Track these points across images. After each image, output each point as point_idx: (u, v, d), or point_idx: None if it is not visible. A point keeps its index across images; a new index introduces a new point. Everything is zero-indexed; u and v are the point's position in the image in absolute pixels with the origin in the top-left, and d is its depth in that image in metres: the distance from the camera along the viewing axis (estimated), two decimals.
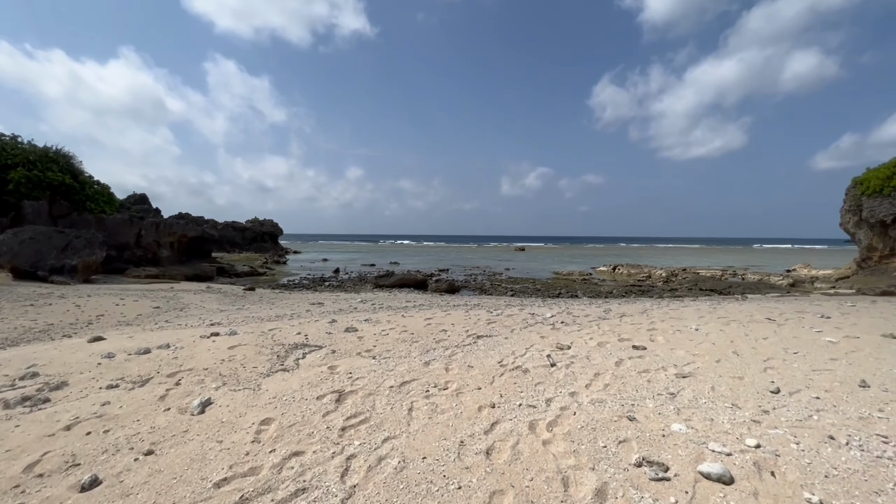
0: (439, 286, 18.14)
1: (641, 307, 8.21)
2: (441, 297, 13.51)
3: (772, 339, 5.30)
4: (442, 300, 11.63)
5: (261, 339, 5.43)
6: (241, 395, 3.61)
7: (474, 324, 6.44)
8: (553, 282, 23.64)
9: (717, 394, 3.55)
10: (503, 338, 5.56)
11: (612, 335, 5.66)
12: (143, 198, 28.51)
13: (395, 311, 8.14)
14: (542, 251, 73.03)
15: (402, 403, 3.40)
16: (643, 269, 29.86)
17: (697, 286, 21.33)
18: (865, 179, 22.50)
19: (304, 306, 9.51)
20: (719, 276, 27.67)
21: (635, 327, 6.15)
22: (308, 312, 8.04)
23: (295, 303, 10.47)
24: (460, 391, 3.67)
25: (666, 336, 5.55)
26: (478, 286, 20.59)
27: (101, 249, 18.31)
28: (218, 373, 4.17)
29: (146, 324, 7.41)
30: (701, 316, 6.83)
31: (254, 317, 7.61)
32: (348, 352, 4.92)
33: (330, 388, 3.74)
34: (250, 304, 10.50)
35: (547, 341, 5.36)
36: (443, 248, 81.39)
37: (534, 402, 3.42)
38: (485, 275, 27.75)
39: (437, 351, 4.95)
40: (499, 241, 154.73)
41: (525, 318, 6.85)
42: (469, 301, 10.93)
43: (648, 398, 3.46)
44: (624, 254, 63.49)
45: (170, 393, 3.63)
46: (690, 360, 4.51)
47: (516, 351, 4.90)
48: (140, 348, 4.98)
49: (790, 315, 6.86)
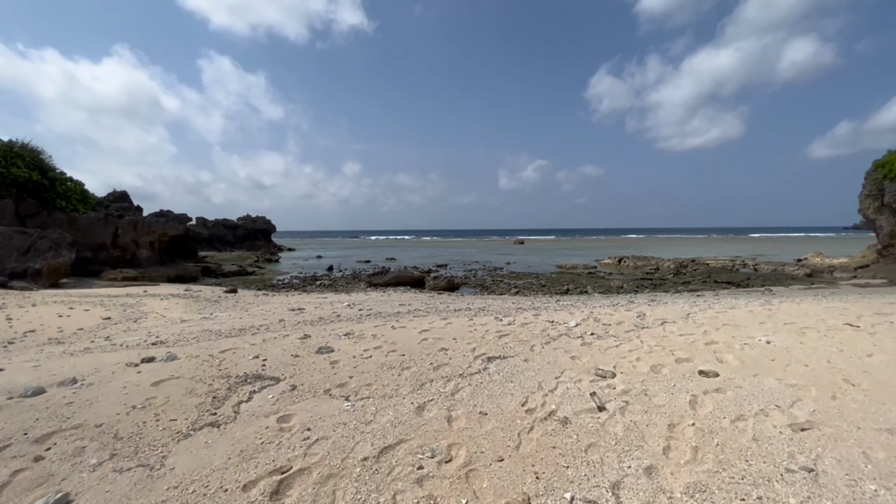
0: (437, 284, 16.84)
1: (681, 309, 6.90)
2: (440, 298, 12.20)
3: (880, 357, 4.01)
4: (441, 302, 10.32)
5: (203, 369, 4.10)
6: (124, 482, 2.28)
7: (482, 338, 5.12)
8: (557, 276, 22.35)
9: (881, 468, 2.25)
10: (522, 360, 4.24)
11: (662, 353, 4.35)
12: (123, 195, 26.95)
13: (384, 319, 6.81)
14: (541, 244, 71.82)
15: (378, 499, 2.09)
16: (650, 260, 28.61)
17: (711, 278, 20.08)
18: (887, 162, 21.19)
19: (281, 313, 8.17)
20: (730, 266, 26.46)
21: (687, 339, 4.84)
22: (281, 323, 6.70)
23: (272, 309, 9.13)
24: (471, 467, 2.35)
25: (735, 353, 4.25)
26: (478, 283, 19.29)
27: (69, 251, 16.88)
28: (114, 433, 2.84)
29: (79, 342, 6.06)
30: (762, 322, 5.53)
31: (214, 330, 6.27)
32: (313, 388, 3.59)
33: (271, 462, 2.42)
34: (221, 310, 9.15)
35: (581, 364, 4.05)
36: (441, 243, 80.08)
37: (593, 491, 2.12)
38: (485, 270, 26.44)
39: (435, 384, 3.63)
40: (497, 234, 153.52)
41: (544, 328, 5.54)
42: (472, 303, 9.62)
43: (775, 480, 2.16)
44: (625, 245, 62.35)
45: (13, 481, 2.30)
46: (793, 395, 3.20)
47: (544, 382, 3.59)
48: (32, 387, 3.64)
49: (871, 317, 5.58)
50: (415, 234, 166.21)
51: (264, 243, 50.04)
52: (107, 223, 19.55)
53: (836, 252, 35.19)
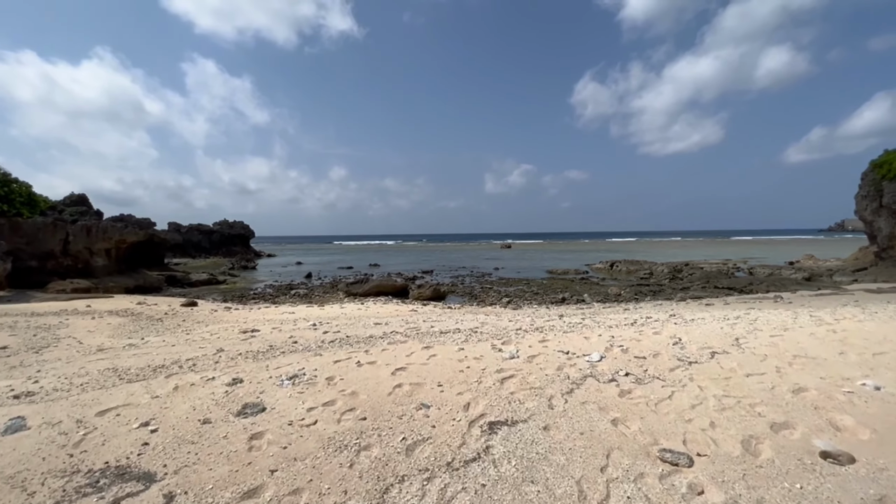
0: (422, 293, 15.40)
1: (721, 332, 5.59)
2: (423, 312, 10.78)
3: None
4: (424, 318, 8.91)
5: (47, 452, 2.61)
6: None
7: (477, 382, 3.72)
8: (549, 282, 21.13)
9: None
10: (540, 427, 2.85)
11: (741, 410, 3.01)
12: (82, 198, 24.72)
13: (351, 347, 5.36)
14: (528, 247, 71.01)
15: None
16: (642, 264, 27.70)
17: (710, 283, 19.11)
18: (885, 162, 20.61)
19: (226, 338, 6.63)
20: (724, 270, 25.68)
21: (761, 384, 3.51)
22: (217, 356, 5.18)
23: (221, 330, 7.57)
24: None
25: (847, 411, 2.93)
26: (467, 291, 17.92)
27: (4, 260, 14.94)
28: None
29: None
30: (840, 352, 4.26)
31: (122, 369, 4.72)
32: (202, 500, 2.14)
33: None
34: (157, 334, 7.55)
35: (631, 436, 2.68)
36: (427, 248, 78.58)
37: None
38: (473, 276, 25.11)
39: (407, 488, 2.22)
40: (484, 238, 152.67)
41: (559, 365, 4.16)
42: (461, 321, 8.21)
43: None
44: (612, 249, 61.93)
45: None
46: None
47: (585, 481, 2.21)
48: None
49: None
50: (400, 238, 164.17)
51: (242, 249, 47.81)
52: (55, 229, 17.56)
53: (825, 254, 34.94)
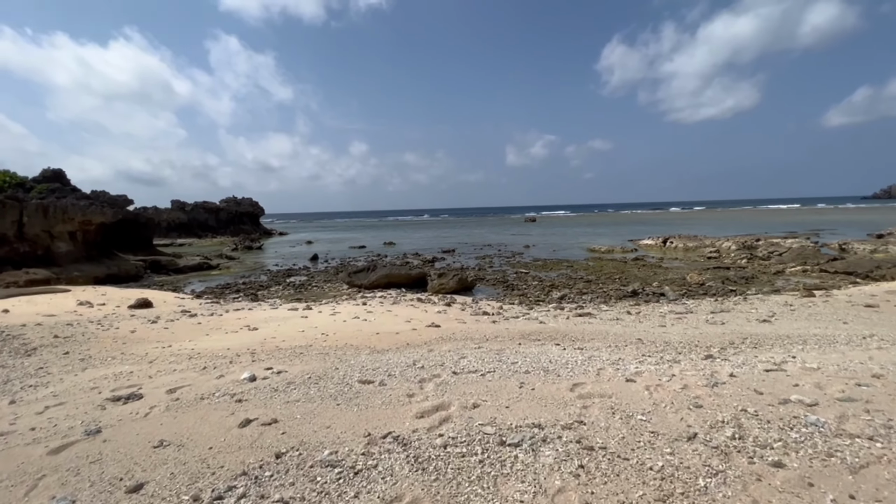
0: (444, 284, 12.00)
1: None
2: (450, 328, 7.39)
3: None
4: (453, 349, 5.54)
5: None
6: None
7: None
8: (597, 265, 17.37)
9: None
10: None
11: None
12: (57, 174, 21.99)
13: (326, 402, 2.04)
14: (555, 221, 66.57)
15: None
16: (702, 241, 23.47)
17: (811, 265, 15.04)
18: None
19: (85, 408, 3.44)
20: (808, 247, 21.27)
21: None
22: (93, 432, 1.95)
23: (105, 377, 4.37)
24: None
25: None
26: (498, 278, 14.43)
27: None
28: None
29: None
30: None
31: None
32: None
33: None
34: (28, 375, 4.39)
35: None
36: (448, 223, 74.97)
37: None
38: (501, 256, 21.52)
39: None
40: (505, 212, 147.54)
41: None
42: (518, 351, 4.78)
43: None
44: (647, 221, 57.04)
45: None
46: None
47: None
48: None
49: None
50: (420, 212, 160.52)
51: (251, 227, 45.36)
52: (5, 209, 14.78)
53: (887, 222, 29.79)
